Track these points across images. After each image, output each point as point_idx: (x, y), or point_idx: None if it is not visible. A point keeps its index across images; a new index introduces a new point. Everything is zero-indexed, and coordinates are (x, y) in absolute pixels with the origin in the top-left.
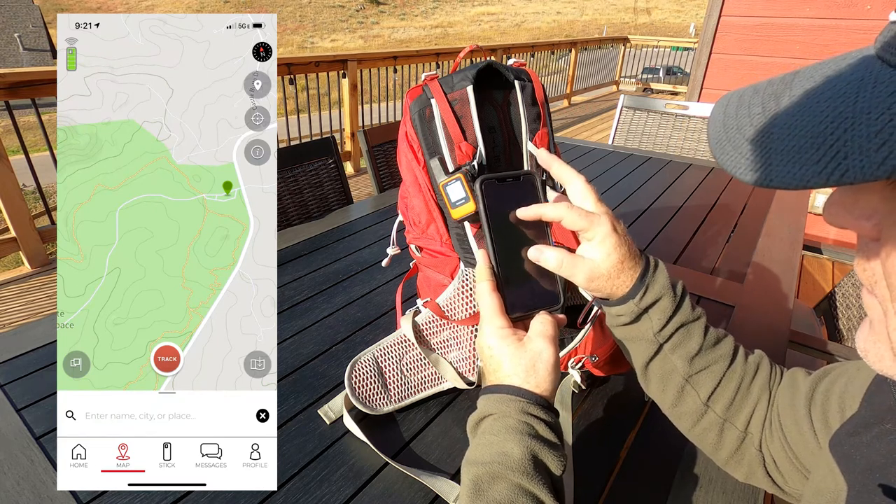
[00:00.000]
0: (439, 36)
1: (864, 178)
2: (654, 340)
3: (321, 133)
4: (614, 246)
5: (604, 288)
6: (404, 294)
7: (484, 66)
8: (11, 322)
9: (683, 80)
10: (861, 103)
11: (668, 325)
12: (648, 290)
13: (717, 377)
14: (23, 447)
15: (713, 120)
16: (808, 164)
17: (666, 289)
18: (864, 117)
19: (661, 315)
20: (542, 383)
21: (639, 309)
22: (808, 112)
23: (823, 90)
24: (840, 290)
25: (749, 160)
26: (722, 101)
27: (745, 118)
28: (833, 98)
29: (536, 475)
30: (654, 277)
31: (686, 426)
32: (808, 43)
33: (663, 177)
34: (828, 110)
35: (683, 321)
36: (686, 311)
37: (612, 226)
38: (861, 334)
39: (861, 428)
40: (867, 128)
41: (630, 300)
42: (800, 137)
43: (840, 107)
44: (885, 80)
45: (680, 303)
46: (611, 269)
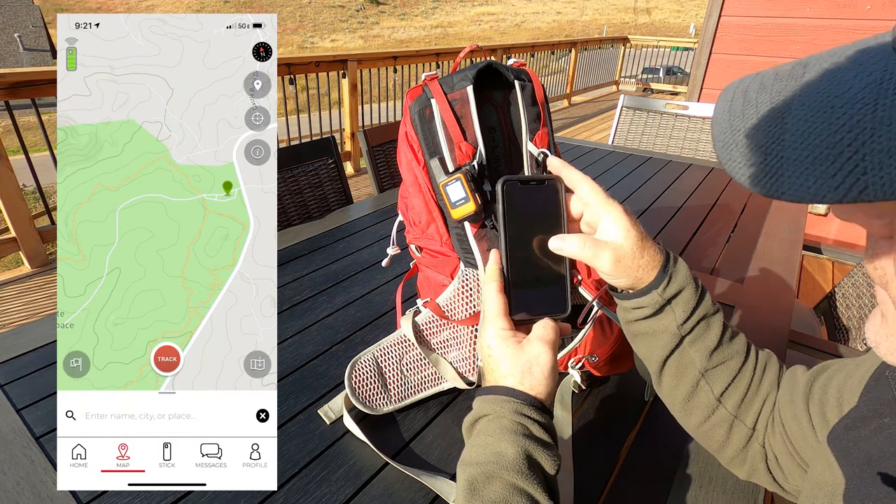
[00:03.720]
0: (439, 36)
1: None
2: (676, 333)
3: (321, 133)
4: (630, 225)
5: (629, 271)
6: (404, 294)
7: (484, 66)
8: (11, 322)
9: (683, 80)
10: (881, 111)
11: (691, 317)
12: (672, 280)
13: (733, 373)
14: (23, 447)
15: (717, 120)
16: (824, 178)
17: (689, 279)
18: (884, 129)
19: (684, 306)
20: (536, 386)
21: (662, 300)
22: (822, 117)
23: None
24: (840, 290)
25: (759, 169)
26: (726, 97)
27: (753, 118)
28: (850, 103)
29: (531, 474)
30: (675, 268)
31: (694, 423)
32: (808, 43)
33: (663, 177)
34: (844, 117)
35: (705, 313)
36: (707, 304)
37: (623, 209)
38: (872, 325)
39: (859, 422)
40: (888, 141)
41: (654, 290)
42: (814, 147)
43: (857, 114)
44: None
45: (703, 295)
46: (633, 247)
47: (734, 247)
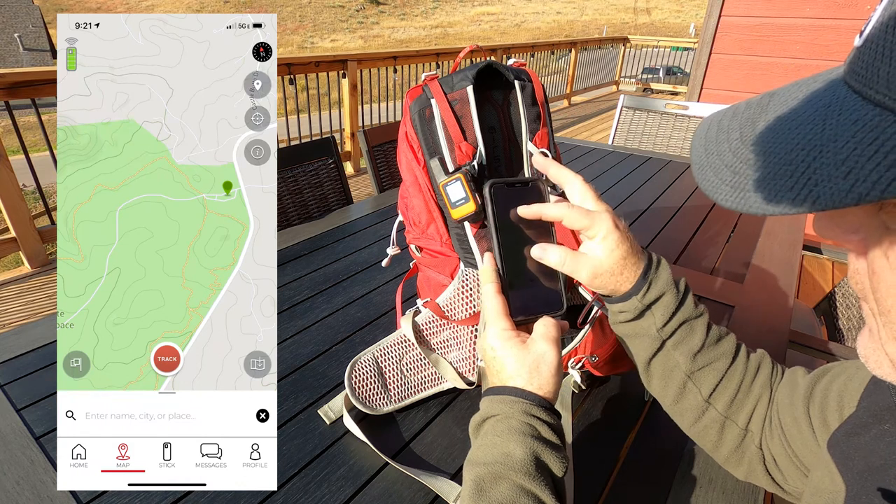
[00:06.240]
0: (439, 36)
1: (833, 206)
2: (656, 337)
3: (321, 133)
4: (616, 243)
5: (607, 284)
6: (404, 294)
7: (484, 66)
8: (11, 322)
9: (683, 80)
10: (828, 130)
11: (670, 321)
12: (651, 286)
13: (719, 374)
14: (23, 447)
15: (695, 146)
16: (783, 191)
17: (669, 285)
18: (831, 145)
19: (663, 311)
20: (544, 385)
21: (642, 305)
22: (780, 139)
23: (795, 116)
24: (840, 290)
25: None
26: (703, 127)
27: (725, 143)
28: (803, 124)
29: (538, 476)
30: (656, 274)
31: (687, 423)
32: (808, 43)
33: (663, 177)
34: (798, 137)
35: (686, 317)
36: (689, 308)
37: (613, 223)
38: (862, 340)
39: (860, 428)
40: (834, 156)
41: (633, 296)
42: (773, 164)
43: (809, 134)
44: (849, 106)
45: (683, 299)
46: (613, 265)
47: (734, 247)
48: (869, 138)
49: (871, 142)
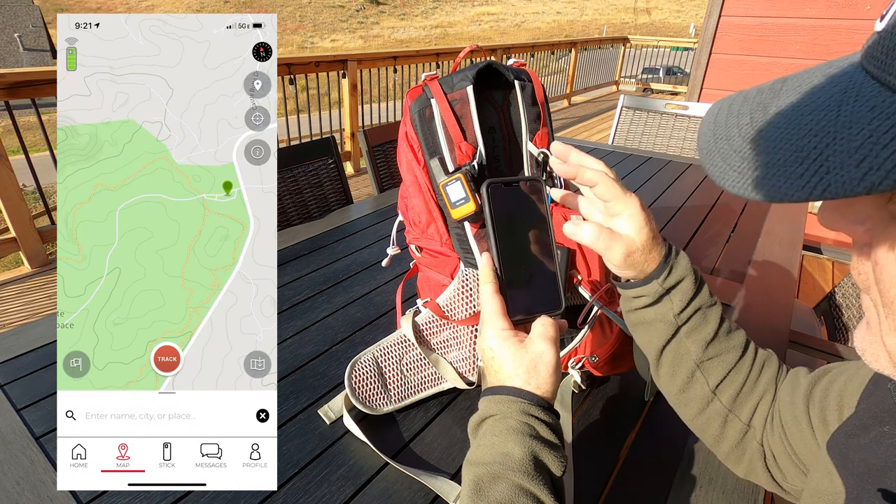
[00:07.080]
0: (439, 36)
1: (845, 194)
2: (672, 323)
3: (321, 133)
4: (644, 221)
5: (637, 264)
6: (404, 294)
7: (484, 66)
8: (11, 322)
9: (683, 80)
10: (843, 117)
11: (688, 307)
12: (672, 270)
13: (728, 366)
14: (23, 447)
15: (703, 130)
16: (792, 178)
17: (688, 270)
18: (845, 132)
19: (682, 296)
20: (543, 384)
21: (662, 289)
22: (793, 124)
23: (809, 101)
24: (840, 290)
25: (736, 171)
26: (712, 110)
27: (734, 128)
28: (817, 110)
29: (537, 476)
30: (676, 259)
31: (690, 414)
32: (808, 43)
33: (663, 177)
34: (811, 123)
35: (702, 304)
36: (705, 295)
37: (641, 203)
38: (859, 333)
39: (859, 430)
40: (848, 143)
41: (654, 280)
42: (784, 150)
43: (823, 120)
44: (866, 93)
45: (700, 285)
46: (645, 243)
47: (734, 247)
48: (886, 125)
49: (887, 129)
